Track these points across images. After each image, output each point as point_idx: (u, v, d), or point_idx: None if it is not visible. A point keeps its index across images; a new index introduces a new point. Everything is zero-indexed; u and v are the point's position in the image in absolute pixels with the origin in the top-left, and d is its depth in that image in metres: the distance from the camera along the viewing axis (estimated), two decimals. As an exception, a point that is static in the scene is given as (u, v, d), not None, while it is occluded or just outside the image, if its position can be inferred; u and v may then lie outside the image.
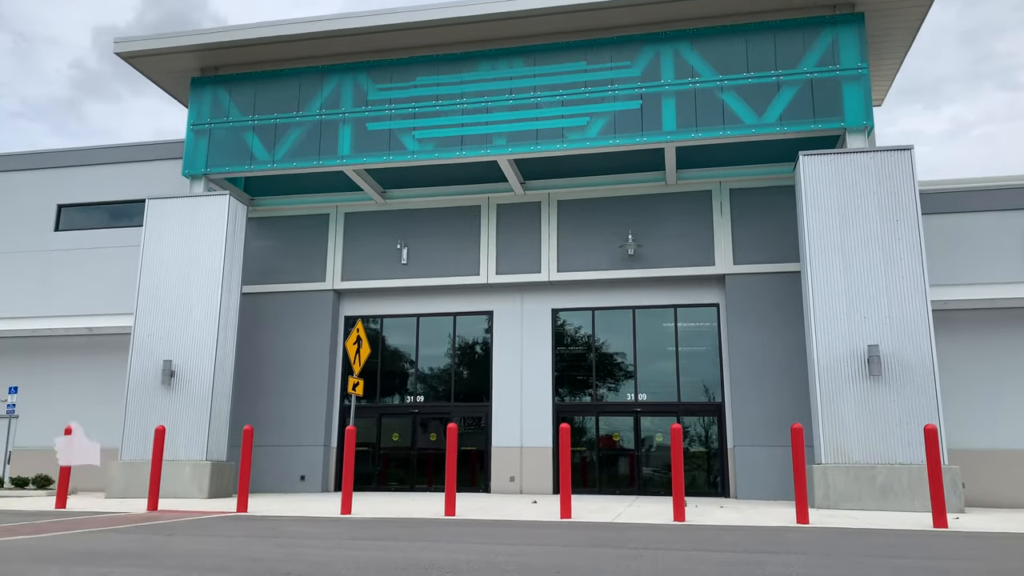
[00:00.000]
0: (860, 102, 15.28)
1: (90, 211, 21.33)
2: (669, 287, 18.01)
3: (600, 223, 18.21)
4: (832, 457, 13.80)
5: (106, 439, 17.93)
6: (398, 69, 17.58)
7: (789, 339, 16.48)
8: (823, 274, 14.54)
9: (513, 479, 17.71)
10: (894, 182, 14.63)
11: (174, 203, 17.68)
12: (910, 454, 13.45)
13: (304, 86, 17.94)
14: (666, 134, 15.98)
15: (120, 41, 18.12)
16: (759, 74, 15.83)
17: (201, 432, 16.33)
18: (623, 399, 18.04)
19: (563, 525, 9.62)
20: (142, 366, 16.84)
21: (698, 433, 17.82)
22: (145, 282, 17.27)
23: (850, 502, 13.34)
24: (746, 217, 17.54)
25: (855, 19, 15.65)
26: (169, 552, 6.48)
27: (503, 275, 18.46)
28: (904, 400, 13.74)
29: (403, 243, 18.98)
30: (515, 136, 16.71)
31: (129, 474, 16.10)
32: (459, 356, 19.19)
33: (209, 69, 18.66)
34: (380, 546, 7.17)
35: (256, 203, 19.92)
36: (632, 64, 16.48)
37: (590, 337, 18.50)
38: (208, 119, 18.22)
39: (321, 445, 18.36)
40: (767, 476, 16.11)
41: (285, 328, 19.09)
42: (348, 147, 17.38)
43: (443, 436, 17.72)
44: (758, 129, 15.62)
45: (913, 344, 13.90)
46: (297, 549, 6.74)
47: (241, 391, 18.14)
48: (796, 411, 15.79)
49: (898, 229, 14.40)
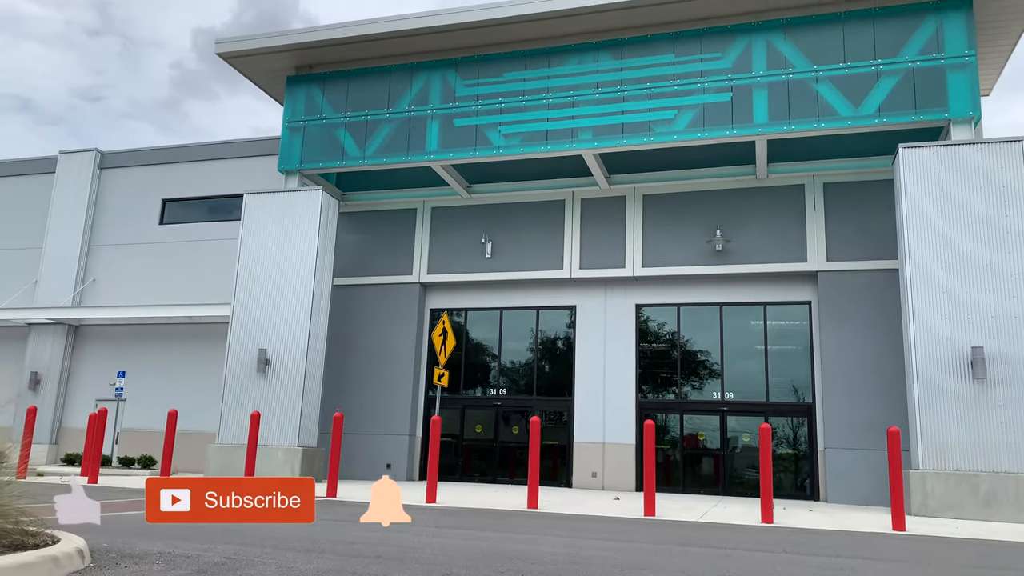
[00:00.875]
0: (967, 91, 14.51)
1: (191, 205, 22.38)
2: (758, 284, 17.56)
3: (687, 218, 17.91)
4: (931, 463, 13.21)
5: (204, 423, 18.88)
6: (485, 65, 17.72)
7: (885, 339, 15.83)
8: (923, 272, 13.89)
9: (595, 475, 17.66)
10: (1003, 175, 13.84)
11: (270, 197, 18.35)
12: (1017, 462, 12.72)
13: (394, 83, 18.31)
14: (757, 127, 15.57)
15: (221, 42, 18.91)
16: (856, 64, 15.23)
17: (293, 418, 16.92)
18: (708, 397, 17.72)
19: (647, 522, 9.55)
20: (239, 354, 17.56)
21: (785, 434, 17.34)
22: (242, 273, 18.00)
23: (950, 510, 12.73)
24: (840, 212, 16.92)
25: (962, 4, 14.85)
26: (264, 535, 6.76)
27: (586, 270, 18.39)
28: (1011, 405, 13.01)
29: (488, 237, 19.15)
30: (601, 130, 16.60)
31: (225, 457, 16.83)
32: (541, 350, 19.24)
33: (303, 68, 19.26)
34: (466, 535, 7.29)
35: (347, 198, 20.47)
36: (723, 55, 16.12)
37: (675, 334, 18.24)
38: (302, 116, 18.82)
39: (407, 435, 18.75)
40: (859, 480, 15.54)
41: (373, 319, 19.56)
42: (436, 143, 17.64)
43: (525, 429, 17.80)
44: (855, 121, 15.04)
45: (1021, 346, 13.15)
46: (386, 534, 6.92)
47: (331, 380, 18.70)
48: (891, 414, 15.16)
49: (1006, 225, 13.62)
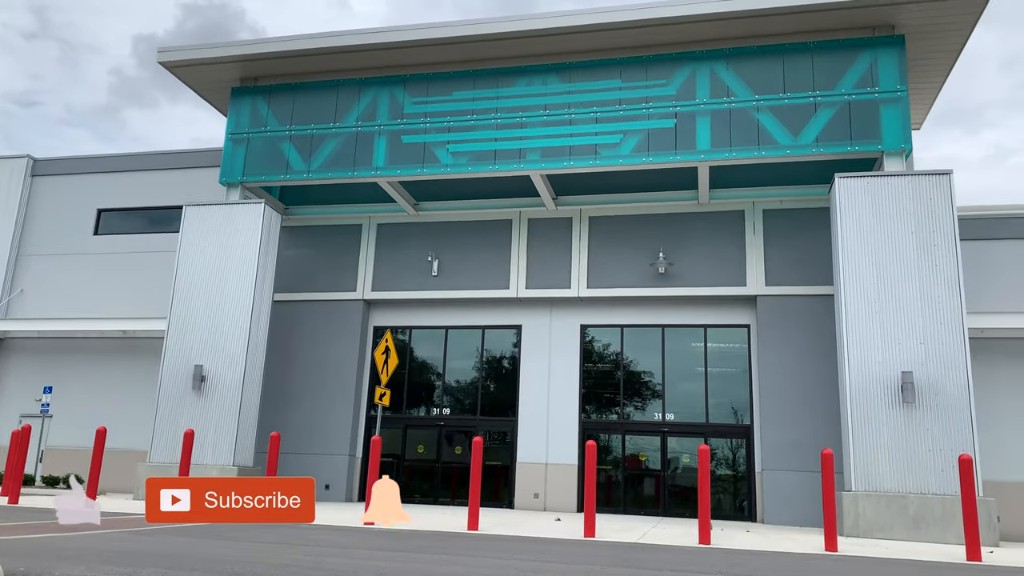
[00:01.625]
0: (898, 125, 15.08)
1: (128, 216, 21.75)
2: (699, 306, 17.85)
3: (631, 240, 18.14)
4: (863, 485, 13.54)
5: (135, 441, 18.25)
6: (434, 83, 17.73)
7: (821, 363, 16.22)
8: (857, 298, 14.31)
9: (537, 495, 17.61)
10: (932, 207, 14.39)
11: (210, 210, 17.96)
12: (944, 484, 13.13)
13: (341, 98, 18.17)
14: (700, 153, 15.90)
15: (164, 51, 18.52)
16: (796, 95, 15.71)
17: (229, 437, 16.48)
18: (650, 418, 17.89)
19: (586, 543, 9.53)
20: (173, 370, 17.07)
21: (725, 456, 17.59)
22: (179, 287, 17.54)
23: (880, 531, 13.06)
24: (779, 238, 17.36)
25: (895, 41, 15.48)
26: (195, 555, 6.53)
27: (533, 289, 18.45)
28: (939, 429, 13.44)
29: (434, 255, 19.07)
30: (548, 151, 16.74)
31: (157, 476, 16.25)
32: (486, 370, 19.18)
33: (249, 79, 18.98)
34: (403, 557, 7.16)
35: (290, 212, 20.17)
36: (668, 83, 16.45)
37: (618, 354, 18.40)
38: (246, 128, 18.52)
39: (346, 454, 18.43)
40: (795, 502, 15.84)
41: (315, 337, 19.24)
42: (383, 159, 17.54)
43: (468, 450, 17.66)
44: (793, 150, 15.48)
45: (949, 372, 13.61)
46: (321, 557, 6.75)
47: (269, 398, 18.29)
48: (827, 436, 15.50)
49: (935, 254, 14.15)
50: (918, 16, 15.17)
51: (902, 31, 15.49)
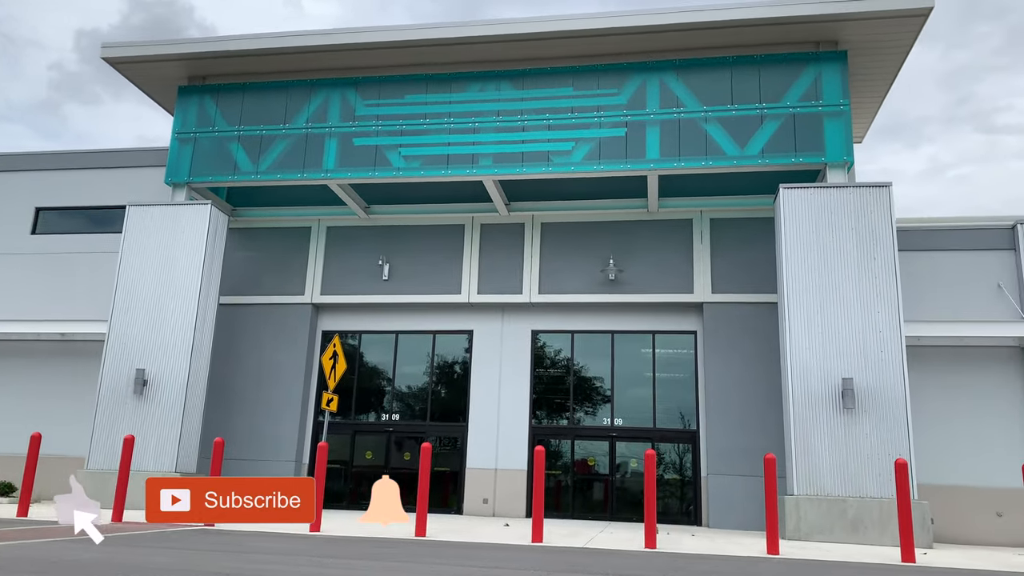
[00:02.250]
0: (841, 138, 15.51)
1: (69, 215, 21.09)
2: (648, 313, 18.07)
3: (582, 247, 18.28)
4: (804, 489, 13.85)
5: (73, 447, 17.70)
6: (386, 86, 17.64)
7: (765, 369, 16.56)
8: (799, 306, 14.66)
9: (486, 501, 17.59)
10: (872, 218, 14.83)
11: (155, 211, 17.55)
12: (881, 488, 13.52)
13: (292, 99, 17.95)
14: (649, 162, 16.12)
15: (108, 46, 18.06)
16: (743, 106, 16.04)
17: (171, 443, 16.11)
18: (600, 423, 18.03)
19: (534, 549, 9.56)
20: (114, 374, 16.61)
21: (672, 460, 17.82)
22: (121, 289, 17.09)
23: (821, 534, 13.37)
24: (725, 247, 17.68)
25: (838, 57, 15.93)
26: (131, 564, 6.37)
27: (484, 295, 18.44)
28: (876, 434, 13.84)
29: (385, 259, 18.93)
30: (501, 157, 16.78)
31: (95, 483, 15.79)
32: (437, 375, 19.11)
33: (197, 78, 18.62)
34: (347, 565, 7.09)
35: (238, 214, 19.82)
36: (619, 92, 16.65)
37: (569, 360, 18.51)
38: (193, 128, 18.16)
39: (293, 461, 18.15)
40: (740, 506, 16.12)
41: (262, 341, 18.93)
42: (333, 161, 17.37)
43: (417, 456, 17.56)
44: (740, 161, 15.80)
45: (887, 379, 14.03)
46: (263, 565, 6.64)
47: (214, 403, 17.92)
48: (771, 441, 15.83)
49: (874, 265, 14.58)
50: (860, 33, 15.65)
51: (845, 47, 15.96)
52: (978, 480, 15.93)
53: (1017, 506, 15.44)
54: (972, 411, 16.27)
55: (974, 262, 17.08)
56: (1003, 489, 15.57)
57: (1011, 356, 16.50)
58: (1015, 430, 16.11)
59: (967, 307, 16.69)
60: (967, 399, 16.33)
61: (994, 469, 15.83)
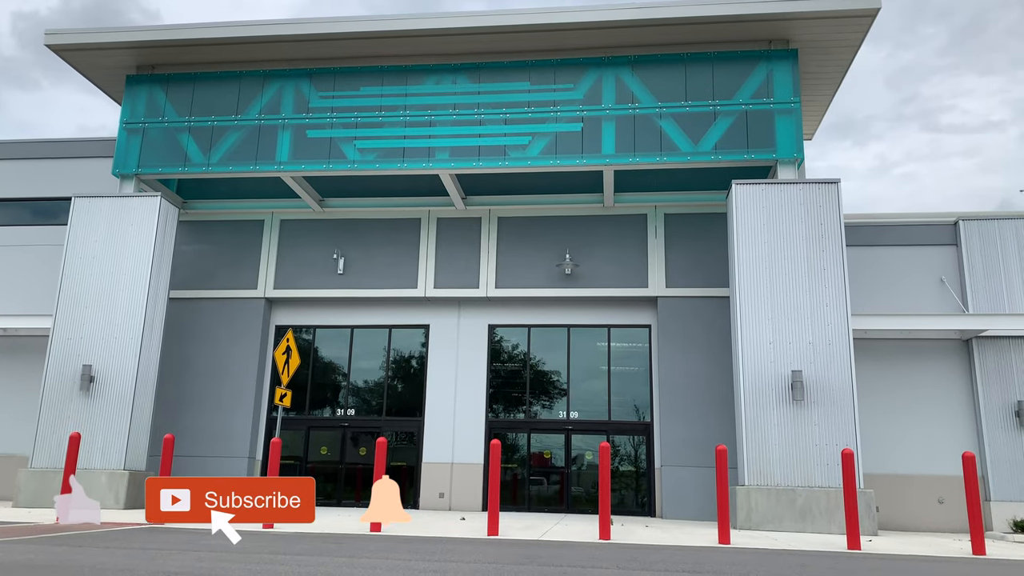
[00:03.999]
0: (791, 135, 15.82)
1: (9, 207, 20.42)
2: (603, 307, 18.23)
3: (539, 241, 18.35)
4: (755, 479, 14.14)
5: (17, 445, 17.23)
6: (341, 78, 17.45)
7: (717, 362, 16.84)
8: (751, 300, 14.94)
9: (443, 495, 17.58)
10: (821, 214, 15.17)
11: (102, 202, 17.11)
12: (828, 477, 13.87)
13: (244, 89, 17.65)
14: (605, 157, 16.24)
15: (52, 33, 17.52)
16: (696, 103, 16.25)
17: (120, 440, 15.76)
18: (556, 417, 18.14)
19: (489, 542, 9.59)
20: (59, 370, 16.18)
21: (627, 452, 18.02)
22: (67, 282, 16.64)
23: (771, 523, 13.67)
24: (679, 241, 17.91)
25: (789, 55, 16.23)
26: (77, 564, 6.22)
27: (441, 289, 18.40)
28: (824, 425, 14.18)
29: (340, 253, 18.76)
30: (457, 151, 16.74)
31: (40, 482, 15.40)
32: (393, 370, 19.01)
33: (145, 67, 18.18)
34: (300, 561, 7.03)
35: (188, 206, 19.44)
36: (575, 87, 16.73)
37: (525, 354, 18.57)
38: (142, 118, 17.74)
39: (246, 457, 17.91)
40: (693, 496, 16.38)
41: (214, 335, 18.61)
42: (287, 153, 17.13)
43: (373, 451, 17.42)
44: (693, 157, 16.01)
45: (834, 371, 14.39)
46: (215, 563, 6.54)
47: (164, 399, 17.58)
48: (723, 433, 16.12)
49: (823, 259, 14.92)
50: (810, 31, 15.96)
51: (796, 45, 16.26)
52: (921, 468, 16.45)
53: (958, 493, 15.97)
54: (916, 402, 16.78)
55: (918, 257, 17.61)
56: (945, 476, 16.11)
57: (953, 348, 17.05)
58: (957, 420, 16.67)
59: (912, 301, 17.20)
60: (911, 390, 16.84)
61: (937, 458, 16.38)
